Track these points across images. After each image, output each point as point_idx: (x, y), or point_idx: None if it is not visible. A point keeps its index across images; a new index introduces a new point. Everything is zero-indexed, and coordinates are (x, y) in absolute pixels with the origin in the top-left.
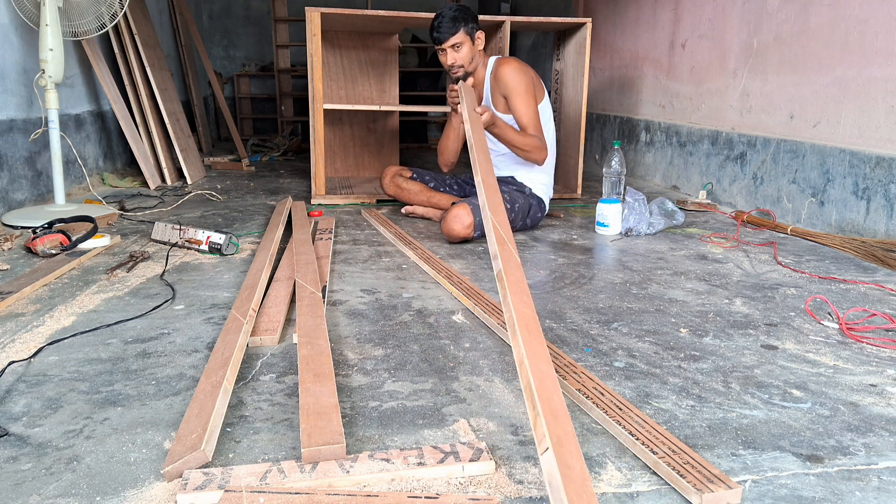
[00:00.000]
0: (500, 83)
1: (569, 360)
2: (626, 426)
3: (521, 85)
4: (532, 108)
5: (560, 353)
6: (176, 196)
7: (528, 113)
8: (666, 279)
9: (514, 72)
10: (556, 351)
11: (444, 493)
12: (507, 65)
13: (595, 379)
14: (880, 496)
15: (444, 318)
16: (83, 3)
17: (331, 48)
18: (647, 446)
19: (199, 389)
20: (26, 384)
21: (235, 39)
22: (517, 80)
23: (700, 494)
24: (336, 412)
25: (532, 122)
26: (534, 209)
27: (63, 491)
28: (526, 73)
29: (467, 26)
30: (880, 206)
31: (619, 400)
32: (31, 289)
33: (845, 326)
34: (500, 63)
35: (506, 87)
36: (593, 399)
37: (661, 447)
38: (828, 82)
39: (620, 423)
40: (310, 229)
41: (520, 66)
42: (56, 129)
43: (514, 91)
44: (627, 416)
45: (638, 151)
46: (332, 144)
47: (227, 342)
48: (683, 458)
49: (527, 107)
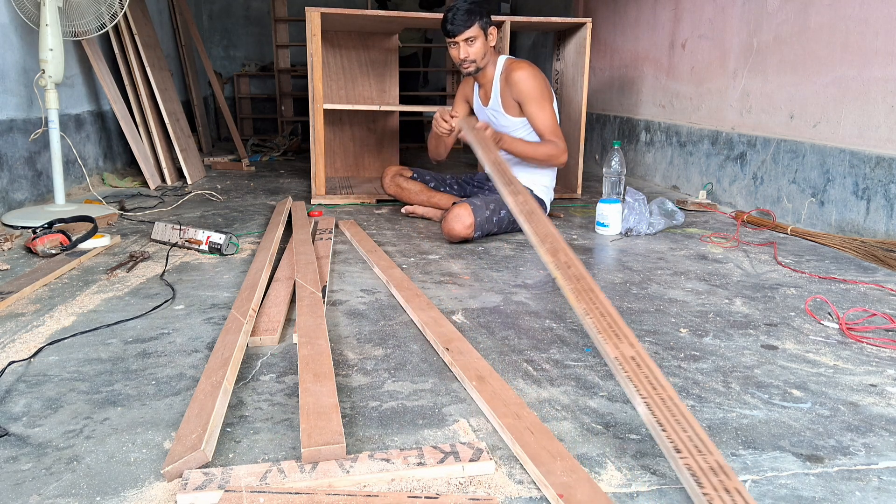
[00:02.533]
0: (514, 89)
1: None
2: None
3: (537, 90)
4: (549, 114)
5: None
6: (176, 196)
7: (545, 119)
8: (666, 279)
9: (529, 77)
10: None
11: (444, 493)
12: (522, 70)
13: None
14: (880, 496)
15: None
16: (83, 3)
17: (331, 48)
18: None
19: (199, 389)
20: (26, 384)
21: (235, 39)
22: (532, 85)
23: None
24: (336, 412)
25: (550, 127)
26: None
27: (63, 491)
28: (540, 77)
29: (482, 20)
30: (880, 206)
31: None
32: (31, 289)
33: (845, 326)
34: (512, 66)
35: (520, 93)
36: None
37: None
38: (828, 82)
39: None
40: (310, 229)
41: (534, 70)
42: (56, 129)
43: (529, 97)
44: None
45: (638, 151)
46: (332, 144)
47: (226, 342)
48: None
49: (544, 112)
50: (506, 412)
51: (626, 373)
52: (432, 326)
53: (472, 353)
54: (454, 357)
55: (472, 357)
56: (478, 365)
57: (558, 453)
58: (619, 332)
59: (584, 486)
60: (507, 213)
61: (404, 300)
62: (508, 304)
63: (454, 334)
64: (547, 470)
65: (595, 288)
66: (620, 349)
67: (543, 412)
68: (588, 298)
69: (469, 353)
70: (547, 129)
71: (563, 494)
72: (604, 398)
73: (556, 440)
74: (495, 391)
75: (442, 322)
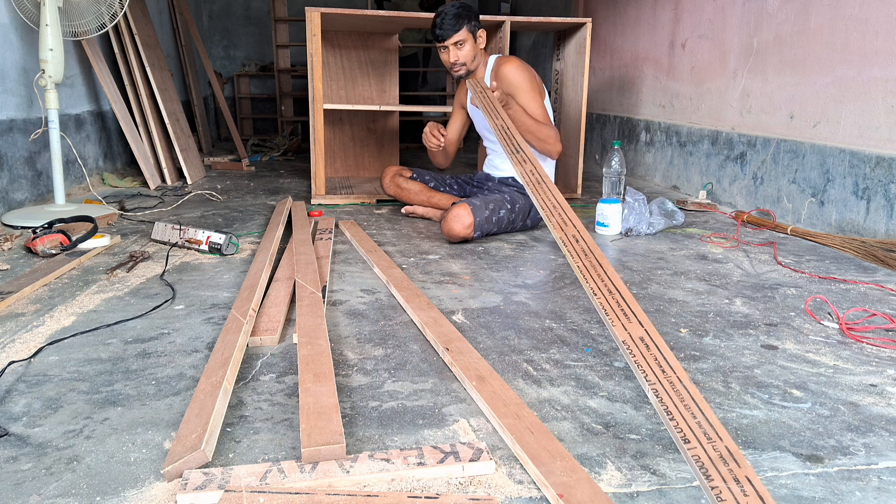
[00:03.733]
0: (504, 81)
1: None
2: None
3: (526, 81)
4: (539, 103)
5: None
6: (176, 196)
7: (537, 108)
8: (666, 279)
9: (517, 69)
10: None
11: (445, 493)
12: (509, 63)
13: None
14: (880, 496)
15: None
16: (83, 3)
17: (331, 48)
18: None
19: (199, 389)
20: (26, 384)
21: (235, 39)
22: (521, 76)
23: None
24: (336, 412)
25: (542, 116)
26: (535, 209)
27: (63, 491)
28: (528, 69)
29: (470, 24)
30: (880, 206)
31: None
32: (31, 289)
33: (845, 326)
34: (501, 62)
35: (510, 84)
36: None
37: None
38: (828, 82)
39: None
40: (310, 229)
41: (521, 63)
42: (56, 129)
43: (519, 88)
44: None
45: (638, 151)
46: (332, 144)
47: (226, 342)
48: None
49: (535, 102)
50: (506, 412)
51: (634, 356)
52: (432, 326)
53: (472, 352)
54: (454, 357)
55: (472, 357)
56: (478, 365)
57: (558, 453)
58: (628, 310)
59: (583, 487)
60: (507, 213)
61: (404, 300)
62: (508, 304)
63: (454, 334)
64: (547, 470)
65: (605, 263)
66: (629, 330)
67: (543, 412)
68: (596, 275)
69: (469, 353)
70: (540, 118)
71: (563, 494)
72: (604, 398)
73: (556, 440)
74: (495, 391)
75: (442, 322)
